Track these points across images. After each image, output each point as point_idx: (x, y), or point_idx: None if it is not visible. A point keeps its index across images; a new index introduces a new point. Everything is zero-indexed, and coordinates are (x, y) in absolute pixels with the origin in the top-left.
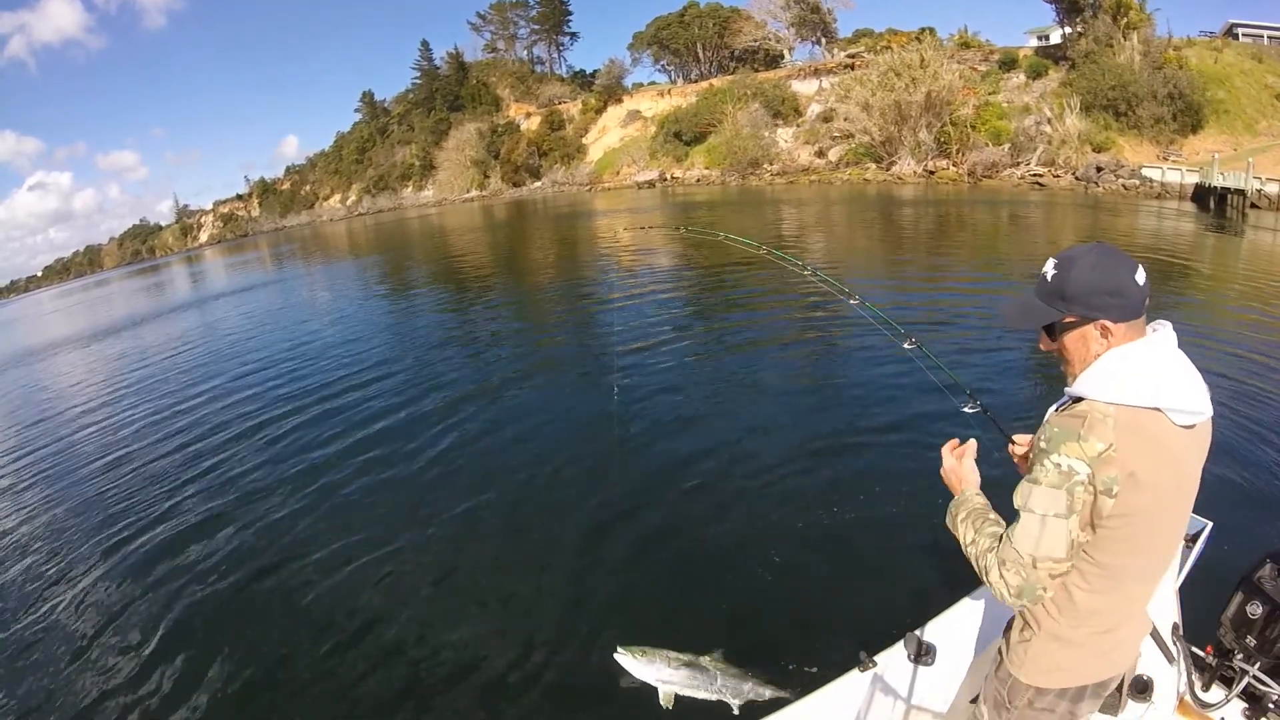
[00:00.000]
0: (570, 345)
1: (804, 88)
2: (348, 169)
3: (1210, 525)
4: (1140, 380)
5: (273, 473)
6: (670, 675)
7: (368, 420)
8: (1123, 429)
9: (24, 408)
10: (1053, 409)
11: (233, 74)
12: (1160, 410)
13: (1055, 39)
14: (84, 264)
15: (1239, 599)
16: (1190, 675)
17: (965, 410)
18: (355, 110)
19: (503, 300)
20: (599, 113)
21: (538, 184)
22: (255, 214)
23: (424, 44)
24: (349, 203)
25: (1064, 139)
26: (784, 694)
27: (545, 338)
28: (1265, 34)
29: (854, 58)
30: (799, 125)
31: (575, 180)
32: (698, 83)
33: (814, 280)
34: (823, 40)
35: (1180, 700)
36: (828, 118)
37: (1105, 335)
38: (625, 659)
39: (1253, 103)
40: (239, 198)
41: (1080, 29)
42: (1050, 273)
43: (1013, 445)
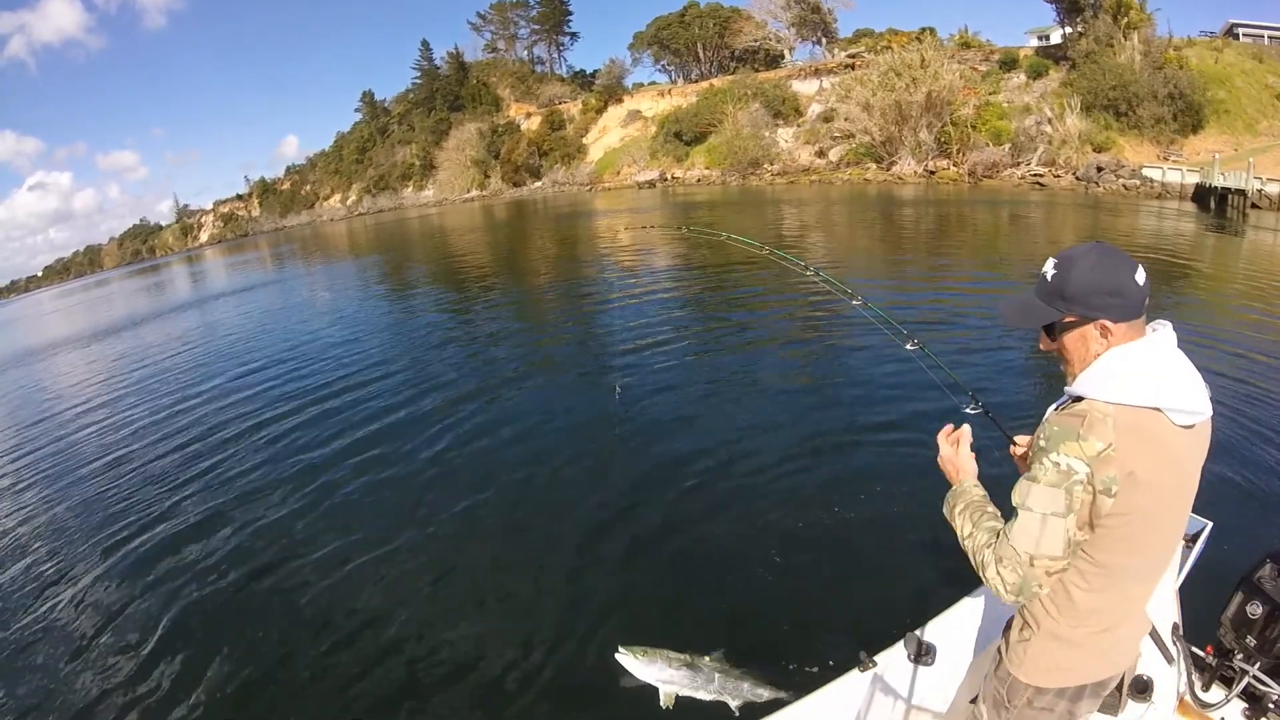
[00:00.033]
0: (570, 345)
1: (804, 88)
2: (348, 169)
3: (1210, 525)
4: (1140, 380)
5: (272, 472)
6: (671, 675)
7: (367, 420)
8: (1122, 429)
9: (24, 408)
10: (1052, 408)
11: (233, 74)
12: (1160, 410)
13: (1056, 39)
14: (84, 264)
15: (1239, 599)
16: (1190, 675)
17: (967, 411)
18: (355, 110)
19: (503, 300)
20: (599, 113)
21: (538, 184)
22: (255, 214)
23: (424, 44)
24: (349, 203)
25: (1064, 139)
26: (784, 694)
27: (545, 338)
28: (1266, 34)
29: (854, 58)
30: (799, 125)
31: (576, 180)
32: (698, 83)
33: (816, 280)
34: (823, 40)
35: (1180, 700)
36: (828, 118)
37: (1105, 335)
38: (626, 659)
39: (1253, 103)
40: (239, 198)
41: (1081, 29)
42: (1050, 272)
43: (1013, 446)
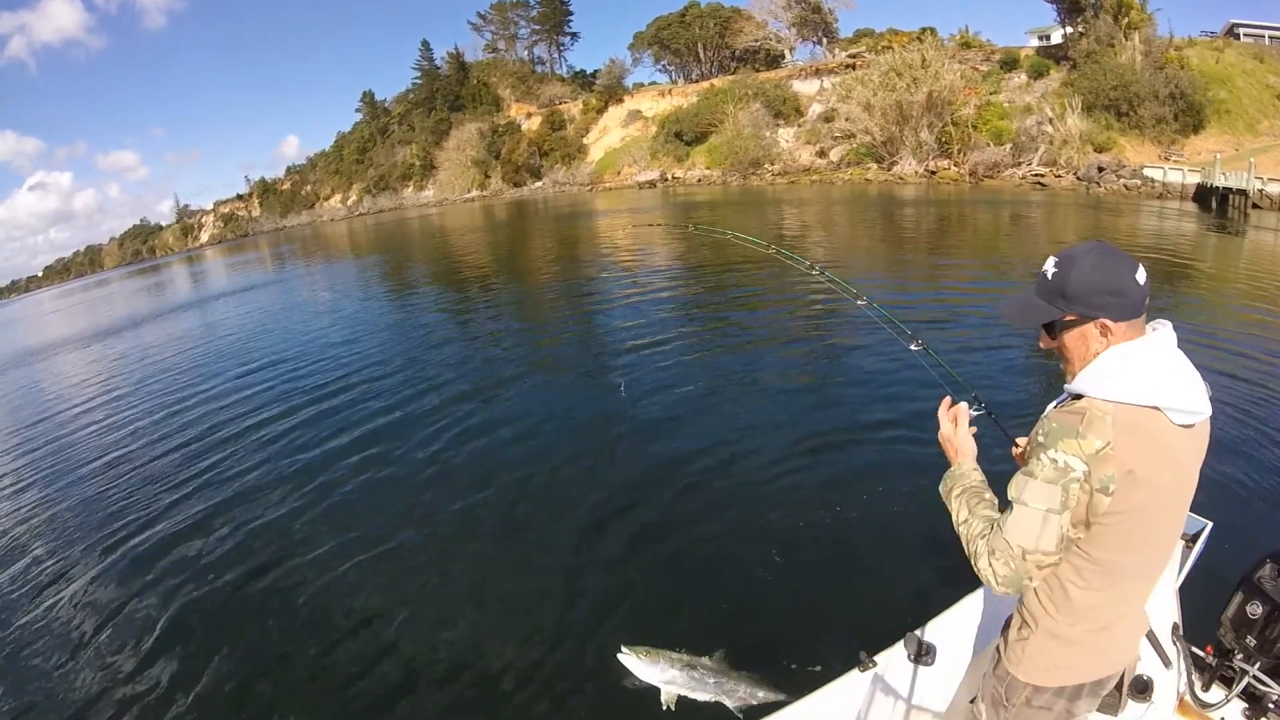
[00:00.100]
0: (571, 344)
1: (805, 88)
2: (348, 169)
3: (1210, 525)
4: (1139, 379)
5: (272, 471)
6: (673, 676)
7: (366, 419)
8: (1122, 427)
9: (25, 408)
10: (1052, 405)
11: (233, 74)
12: (1159, 409)
13: (1056, 39)
14: (84, 264)
15: (1239, 599)
16: (1190, 675)
17: (970, 412)
18: (356, 110)
19: (503, 300)
20: (600, 113)
21: (538, 184)
22: (256, 214)
23: (424, 44)
24: (349, 203)
25: (1065, 139)
26: (784, 694)
27: (546, 337)
28: (1266, 34)
29: (855, 58)
30: (800, 125)
31: (576, 180)
32: (699, 83)
33: (819, 279)
34: (824, 40)
35: (1180, 700)
36: (829, 118)
37: (1105, 334)
38: (629, 659)
39: (1254, 103)
40: (239, 198)
41: (1081, 29)
42: (1051, 271)
43: (1014, 448)
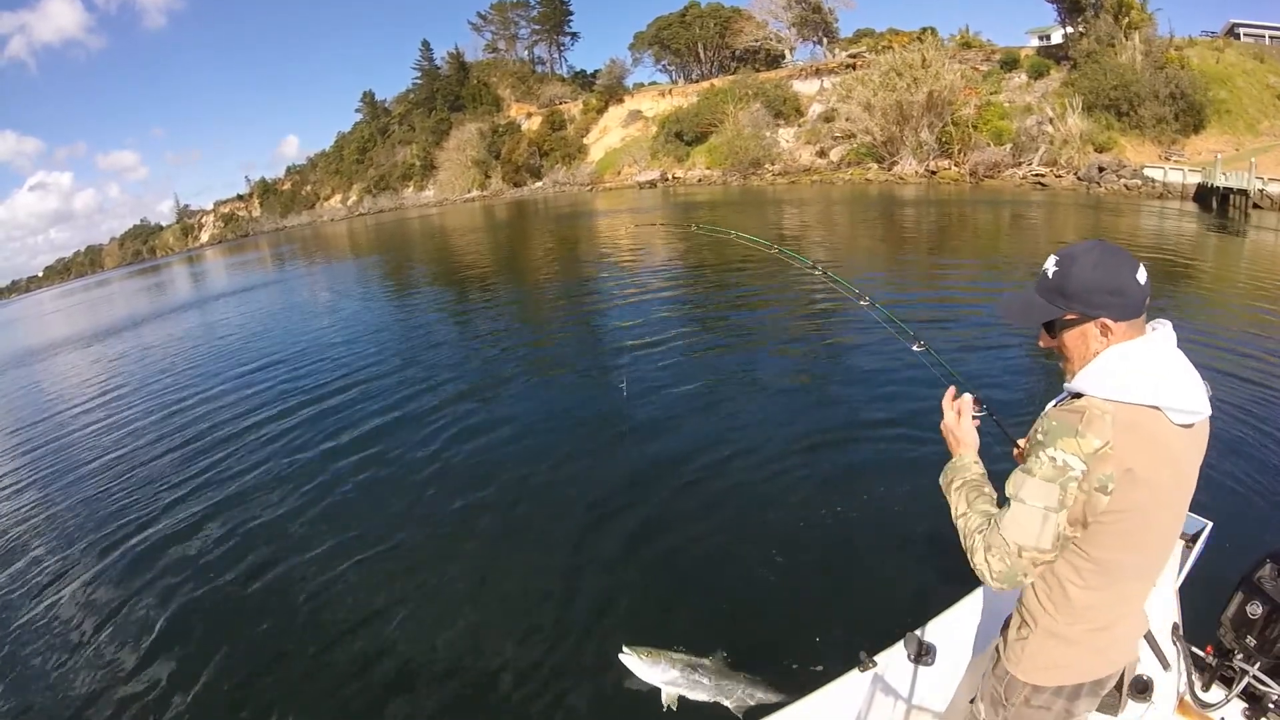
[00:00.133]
0: (571, 344)
1: (805, 88)
2: (348, 169)
3: (1210, 525)
4: (1139, 378)
5: (272, 471)
6: (674, 676)
7: (365, 418)
8: (1121, 426)
9: (25, 407)
10: (1052, 404)
11: (233, 74)
12: (1159, 409)
13: (1057, 39)
14: (85, 264)
15: (1239, 599)
16: (1190, 675)
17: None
18: (356, 110)
19: (503, 300)
20: (600, 113)
21: (539, 184)
22: (256, 214)
23: (425, 44)
24: (350, 203)
25: (1066, 139)
26: (784, 694)
27: (546, 337)
28: (1267, 34)
29: (855, 58)
30: (800, 125)
31: (576, 180)
32: (699, 83)
33: (821, 279)
34: (824, 40)
35: (1180, 700)
36: (829, 118)
37: (1105, 333)
38: (631, 659)
39: (1254, 103)
40: (240, 198)
41: (1082, 29)
42: (1051, 269)
43: (1016, 450)
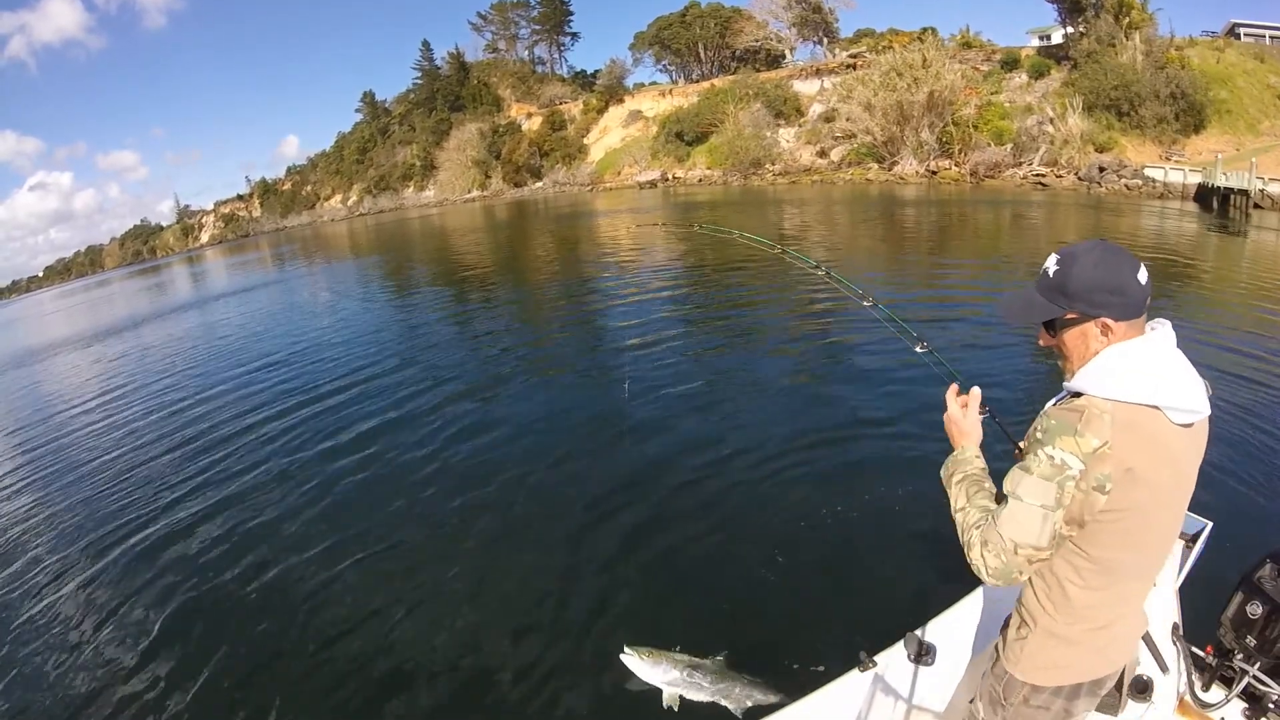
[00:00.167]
0: (572, 344)
1: (806, 88)
2: (349, 169)
3: (1210, 525)
4: (1139, 378)
5: (271, 470)
6: (675, 677)
7: (365, 418)
8: (1120, 426)
9: (25, 408)
10: (1051, 403)
11: (233, 74)
12: (1158, 408)
13: (1057, 39)
14: (85, 264)
15: (1239, 599)
16: (1190, 675)
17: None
18: (356, 110)
19: (503, 300)
20: (600, 113)
21: (539, 184)
22: (256, 214)
23: (425, 44)
24: (350, 203)
25: (1066, 139)
26: (784, 694)
27: (546, 337)
28: (1267, 34)
29: (856, 58)
30: (801, 125)
31: (577, 180)
32: (699, 83)
33: (821, 279)
34: (824, 40)
35: (1180, 700)
36: (830, 118)
37: (1105, 333)
38: (631, 660)
39: (1255, 103)
40: (240, 198)
41: (1082, 29)
42: (1052, 268)
43: (1017, 451)
